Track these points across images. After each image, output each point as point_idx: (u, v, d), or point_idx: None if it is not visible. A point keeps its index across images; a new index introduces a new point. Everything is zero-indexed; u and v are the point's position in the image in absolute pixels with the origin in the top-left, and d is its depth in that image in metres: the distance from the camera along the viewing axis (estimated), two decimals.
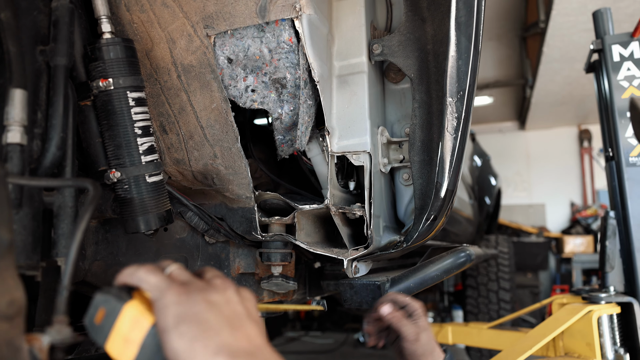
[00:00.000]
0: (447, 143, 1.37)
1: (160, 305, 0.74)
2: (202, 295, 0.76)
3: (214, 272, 0.86)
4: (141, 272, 0.78)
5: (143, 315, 0.74)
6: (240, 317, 0.77)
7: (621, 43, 2.82)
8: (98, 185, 0.90)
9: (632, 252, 2.54)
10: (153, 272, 0.78)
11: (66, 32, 1.10)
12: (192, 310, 0.73)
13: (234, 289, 0.82)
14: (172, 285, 0.76)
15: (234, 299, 0.80)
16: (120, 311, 0.74)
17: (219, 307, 0.76)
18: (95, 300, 0.76)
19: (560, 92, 8.86)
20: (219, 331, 0.72)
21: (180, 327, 0.70)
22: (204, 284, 0.80)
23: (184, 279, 0.80)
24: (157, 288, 0.76)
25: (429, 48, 1.51)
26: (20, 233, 0.99)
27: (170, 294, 0.74)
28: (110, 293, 0.76)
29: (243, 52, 1.38)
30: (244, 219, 1.58)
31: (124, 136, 1.21)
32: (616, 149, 2.74)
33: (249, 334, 0.75)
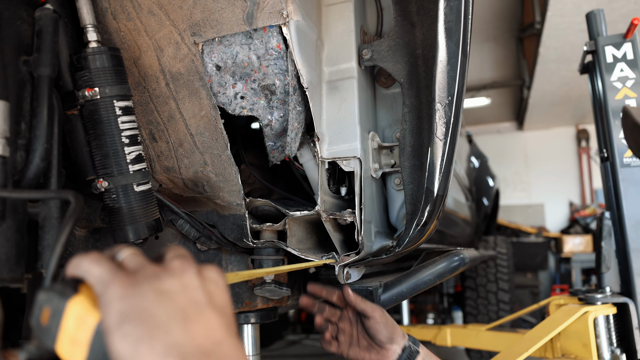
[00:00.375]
0: (436, 148, 1.36)
1: (104, 301, 0.66)
2: (151, 285, 0.66)
3: (174, 252, 0.76)
4: (84, 262, 0.70)
5: (88, 312, 0.67)
6: (198, 306, 0.68)
7: (614, 44, 2.83)
8: (80, 197, 0.89)
9: (627, 252, 2.55)
10: (97, 262, 0.69)
11: (50, 42, 1.09)
12: (138, 305, 0.64)
13: (194, 270, 0.72)
14: (117, 276, 0.67)
15: (193, 284, 0.70)
16: (64, 309, 0.67)
17: (172, 296, 0.66)
18: (39, 299, 0.69)
19: (558, 93, 8.88)
20: (169, 328, 0.63)
21: (124, 327, 0.62)
22: (157, 269, 0.70)
23: (134, 266, 0.71)
24: (100, 280, 0.67)
25: (419, 53, 1.50)
26: (3, 245, 0.98)
27: (114, 287, 0.66)
28: (53, 290, 0.68)
29: (231, 59, 1.37)
30: (235, 225, 1.58)
31: (111, 145, 1.20)
32: (611, 149, 2.75)
33: (207, 328, 0.66)
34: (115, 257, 0.73)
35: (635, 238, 2.55)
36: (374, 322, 1.46)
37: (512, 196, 11.52)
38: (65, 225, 0.80)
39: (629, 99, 2.73)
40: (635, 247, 2.54)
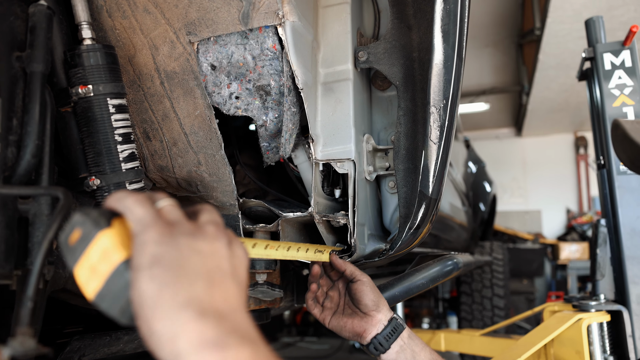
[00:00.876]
0: (430, 151, 1.36)
1: (140, 241, 0.68)
2: (186, 240, 0.70)
3: (210, 216, 0.78)
4: (129, 200, 0.72)
5: (115, 248, 0.69)
6: (223, 273, 0.71)
7: (612, 51, 2.83)
8: (69, 194, 0.89)
9: (622, 260, 2.55)
10: (141, 203, 0.71)
11: (43, 38, 1.08)
12: (171, 253, 0.67)
13: (226, 241, 0.75)
14: (158, 222, 0.70)
15: (222, 253, 0.73)
16: (94, 238, 0.69)
17: (203, 257, 0.70)
18: (74, 219, 0.71)
19: (557, 99, 8.90)
20: (194, 282, 0.66)
21: (154, 269, 0.65)
22: (193, 228, 0.73)
23: (173, 218, 0.73)
24: (140, 221, 0.70)
25: (415, 56, 1.50)
26: None
27: (152, 231, 0.68)
28: (89, 215, 0.70)
29: (227, 59, 1.37)
30: (228, 226, 1.57)
31: (104, 143, 1.20)
32: (607, 157, 2.75)
33: (226, 294, 0.69)
34: (155, 203, 0.75)
35: (630, 246, 2.55)
36: (361, 285, 1.43)
37: (510, 202, 11.54)
38: (54, 221, 0.80)
39: (627, 106, 2.73)
40: (630, 255, 2.54)
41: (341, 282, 1.52)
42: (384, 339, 1.40)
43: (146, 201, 0.72)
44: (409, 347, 1.41)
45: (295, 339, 8.05)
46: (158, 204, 0.75)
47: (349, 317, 1.46)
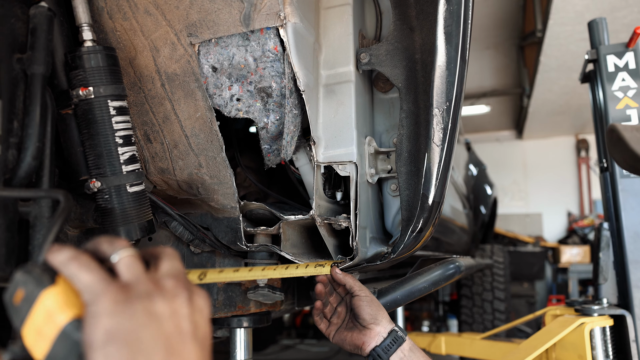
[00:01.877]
0: (433, 154, 1.35)
1: (92, 312, 0.64)
2: (143, 305, 0.66)
3: (169, 266, 0.75)
4: (74, 266, 0.67)
5: (59, 309, 0.65)
6: (182, 336, 0.68)
7: (616, 53, 2.81)
8: (70, 197, 0.88)
9: (625, 264, 2.53)
10: (88, 268, 0.67)
11: (44, 40, 1.08)
12: (126, 325, 0.63)
13: (186, 296, 0.71)
14: (109, 287, 0.66)
15: (182, 312, 0.69)
16: (37, 298, 0.65)
17: (161, 321, 0.66)
18: (16, 278, 0.67)
19: (558, 102, 8.88)
20: (151, 356, 0.63)
21: (108, 348, 0.61)
22: (150, 286, 0.69)
23: (129, 277, 0.69)
24: (90, 290, 0.66)
25: (417, 57, 1.50)
26: None
27: (105, 301, 0.64)
28: (31, 274, 0.67)
29: (228, 61, 1.36)
30: (229, 229, 1.57)
31: (104, 145, 1.19)
32: (610, 159, 2.73)
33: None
34: (111, 257, 0.72)
35: (633, 249, 2.53)
36: (358, 300, 1.44)
37: (510, 205, 11.52)
38: (54, 224, 0.79)
39: (630, 109, 2.71)
40: (634, 259, 2.52)
41: (348, 297, 1.53)
42: (382, 351, 1.41)
43: (93, 265, 0.68)
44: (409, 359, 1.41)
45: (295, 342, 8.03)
46: (113, 258, 0.71)
47: (349, 330, 1.48)
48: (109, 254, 0.72)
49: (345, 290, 1.53)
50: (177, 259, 0.77)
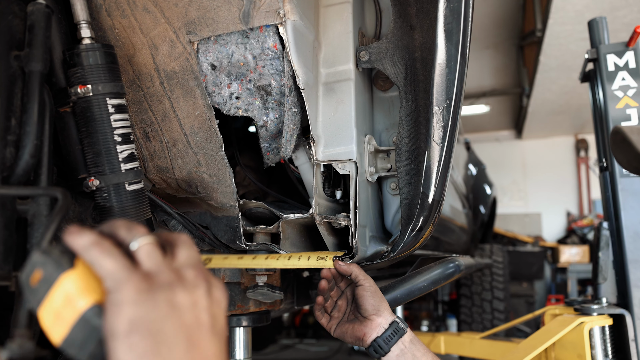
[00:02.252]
0: (433, 152, 1.34)
1: (114, 300, 0.63)
2: (165, 295, 0.66)
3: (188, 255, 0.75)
4: (96, 251, 0.66)
5: (80, 293, 0.64)
6: (202, 328, 0.68)
7: (616, 52, 2.80)
8: (68, 195, 0.87)
9: (625, 263, 2.53)
10: (110, 255, 0.67)
11: (42, 37, 1.07)
12: (149, 315, 0.63)
13: (206, 287, 0.72)
14: (133, 276, 0.65)
15: (202, 303, 0.70)
16: (56, 281, 0.64)
17: (182, 312, 0.66)
18: (33, 258, 0.67)
19: (557, 101, 8.88)
20: (174, 347, 0.63)
21: (132, 337, 0.61)
22: (172, 276, 0.69)
23: (150, 266, 0.69)
24: (113, 277, 0.65)
25: (417, 55, 1.49)
26: None
27: (128, 289, 0.64)
28: (50, 255, 0.66)
29: (227, 59, 1.36)
30: (228, 227, 1.56)
31: (103, 143, 1.18)
32: (610, 159, 2.72)
33: (205, 352, 0.66)
34: (130, 244, 0.71)
35: (633, 249, 2.53)
36: (362, 290, 1.44)
37: (510, 205, 11.52)
38: (52, 221, 0.79)
39: (630, 108, 2.71)
40: (633, 258, 2.52)
41: (349, 289, 1.53)
42: (383, 342, 1.40)
43: (115, 252, 0.68)
44: (410, 351, 1.40)
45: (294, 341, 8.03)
46: (133, 245, 0.71)
47: (351, 322, 1.47)
48: (128, 241, 0.71)
49: (347, 283, 1.53)
50: (193, 247, 0.77)
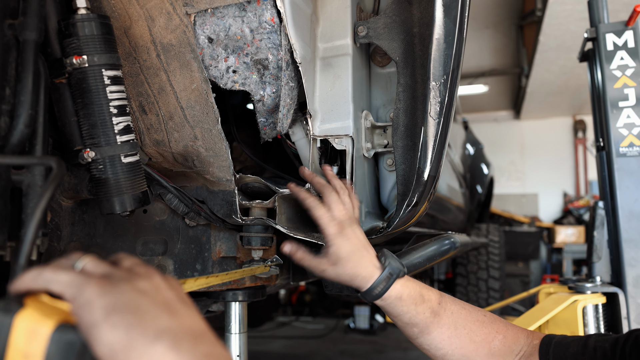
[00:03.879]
0: (429, 128, 1.34)
1: (82, 301, 0.64)
2: (128, 285, 0.67)
3: (132, 260, 0.77)
4: (47, 272, 0.67)
5: (39, 322, 0.64)
6: (174, 302, 0.70)
7: (615, 32, 2.80)
8: (63, 164, 0.87)
9: (619, 242, 2.55)
10: (62, 270, 0.68)
11: (36, 6, 1.06)
12: (121, 298, 0.64)
13: (160, 275, 0.74)
14: (91, 278, 0.66)
15: (163, 285, 0.72)
16: (11, 326, 0.63)
17: (150, 294, 0.68)
18: None
19: (556, 82, 8.86)
20: (157, 316, 0.65)
21: (112, 318, 0.62)
22: (126, 273, 0.71)
23: (102, 271, 0.70)
24: (72, 285, 0.66)
25: (415, 31, 1.48)
26: None
27: (91, 288, 0.65)
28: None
29: (224, 32, 1.35)
30: (224, 202, 1.56)
31: (99, 115, 1.18)
32: (607, 139, 2.73)
33: (189, 318, 0.68)
34: (74, 265, 0.72)
35: (627, 228, 2.55)
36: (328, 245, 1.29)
37: (507, 185, 11.55)
38: (46, 190, 0.78)
39: (628, 88, 2.71)
40: (628, 237, 2.54)
41: None
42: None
43: (65, 266, 0.69)
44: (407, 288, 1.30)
45: (291, 319, 8.10)
46: (77, 265, 0.72)
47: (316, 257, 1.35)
48: (71, 265, 0.72)
49: None
50: (133, 256, 0.79)
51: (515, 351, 1.26)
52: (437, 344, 1.28)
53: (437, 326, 1.28)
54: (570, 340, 1.22)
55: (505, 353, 1.26)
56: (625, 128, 2.67)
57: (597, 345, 1.14)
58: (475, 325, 1.30)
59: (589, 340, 1.18)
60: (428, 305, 1.29)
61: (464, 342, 1.27)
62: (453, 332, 1.28)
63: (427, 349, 1.31)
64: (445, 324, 1.28)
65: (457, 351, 1.26)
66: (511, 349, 1.26)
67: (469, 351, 1.26)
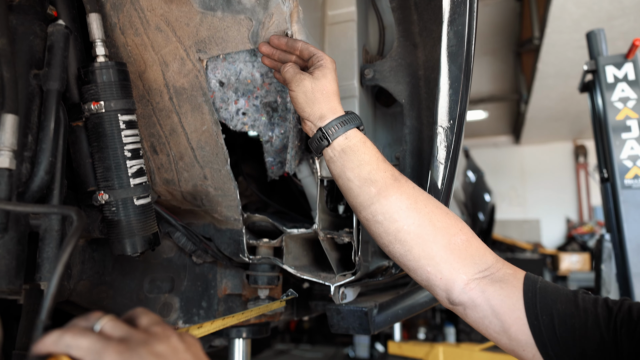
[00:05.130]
0: (437, 171, 1.36)
1: None
2: (145, 349, 0.69)
3: (149, 318, 0.79)
4: (67, 336, 0.69)
5: None
6: None
7: (615, 64, 2.82)
8: (83, 215, 0.90)
9: (628, 276, 2.51)
10: (82, 334, 0.69)
11: (60, 57, 1.10)
12: None
13: (177, 336, 0.76)
14: (110, 344, 0.68)
15: (180, 347, 0.74)
16: None
17: (168, 357, 0.70)
18: None
19: (555, 108, 8.90)
20: None
21: None
22: (144, 335, 0.73)
23: (120, 334, 0.72)
24: (92, 351, 0.67)
25: (420, 74, 1.52)
26: (4, 257, 0.99)
27: (109, 354, 0.67)
28: None
29: (235, 76, 1.38)
30: (232, 240, 1.58)
31: (113, 159, 1.21)
32: (611, 170, 2.72)
33: None
34: (93, 327, 0.74)
35: (637, 262, 2.52)
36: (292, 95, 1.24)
37: (508, 211, 11.51)
38: (68, 243, 0.81)
39: (630, 119, 2.72)
40: (637, 272, 2.51)
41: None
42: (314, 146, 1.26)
43: (84, 330, 0.71)
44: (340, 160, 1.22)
45: (289, 346, 8.03)
46: (96, 327, 0.74)
47: None
48: (90, 326, 0.74)
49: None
50: (151, 312, 0.81)
51: (480, 266, 1.10)
52: (393, 212, 1.14)
53: (397, 190, 1.15)
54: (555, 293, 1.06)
55: (465, 258, 1.10)
56: (630, 160, 2.68)
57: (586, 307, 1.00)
58: (439, 211, 1.16)
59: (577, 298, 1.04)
60: (389, 167, 1.20)
61: (422, 221, 1.13)
62: (413, 204, 1.14)
63: (381, 219, 1.16)
64: (406, 192, 1.16)
65: (413, 228, 1.12)
66: (473, 259, 1.10)
67: (426, 233, 1.12)
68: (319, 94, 1.21)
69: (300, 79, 1.21)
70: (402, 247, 1.13)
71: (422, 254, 1.11)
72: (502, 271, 1.10)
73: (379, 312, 1.59)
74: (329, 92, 1.22)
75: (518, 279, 1.08)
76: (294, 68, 1.24)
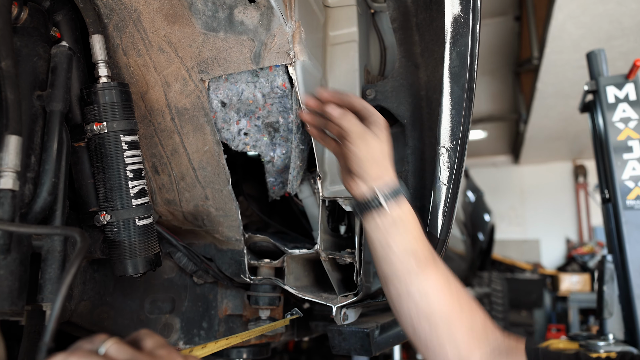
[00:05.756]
0: (439, 192, 1.36)
1: None
2: None
3: (154, 341, 0.79)
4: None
5: None
6: None
7: (616, 85, 2.82)
8: (86, 236, 0.89)
9: (631, 299, 2.49)
10: (87, 357, 0.70)
11: (63, 79, 1.11)
12: None
13: (182, 358, 0.76)
14: None
15: None
16: None
17: None
18: None
19: (555, 128, 8.92)
20: None
21: None
22: (149, 358, 0.73)
23: (125, 357, 0.72)
24: None
25: (422, 94, 1.52)
26: (7, 278, 0.98)
27: None
28: None
29: (237, 97, 1.39)
30: (233, 260, 1.58)
31: (115, 179, 1.21)
32: (613, 191, 2.70)
33: None
34: (98, 350, 0.73)
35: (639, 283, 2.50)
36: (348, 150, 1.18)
37: (507, 231, 11.47)
38: (72, 265, 0.80)
39: (632, 140, 2.72)
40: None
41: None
42: (358, 210, 1.21)
43: (89, 353, 0.71)
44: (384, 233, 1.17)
45: None
46: (101, 350, 0.73)
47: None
48: (95, 349, 0.74)
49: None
50: (155, 335, 0.80)
51: (491, 343, 1.09)
52: (427, 289, 1.11)
53: (435, 268, 1.13)
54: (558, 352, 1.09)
55: (481, 338, 1.09)
56: (632, 180, 2.67)
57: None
58: (462, 289, 1.15)
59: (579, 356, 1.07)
60: (427, 242, 1.18)
61: (452, 300, 1.11)
62: (445, 283, 1.12)
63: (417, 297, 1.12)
64: (442, 270, 1.15)
65: (443, 307, 1.10)
66: (487, 338, 1.10)
67: (454, 312, 1.10)
68: (381, 155, 1.18)
69: (370, 136, 1.16)
70: (429, 326, 1.10)
71: (444, 335, 1.09)
72: (506, 343, 1.10)
73: (381, 333, 1.58)
74: (388, 154, 1.20)
75: (520, 349, 1.09)
76: (360, 122, 1.19)
